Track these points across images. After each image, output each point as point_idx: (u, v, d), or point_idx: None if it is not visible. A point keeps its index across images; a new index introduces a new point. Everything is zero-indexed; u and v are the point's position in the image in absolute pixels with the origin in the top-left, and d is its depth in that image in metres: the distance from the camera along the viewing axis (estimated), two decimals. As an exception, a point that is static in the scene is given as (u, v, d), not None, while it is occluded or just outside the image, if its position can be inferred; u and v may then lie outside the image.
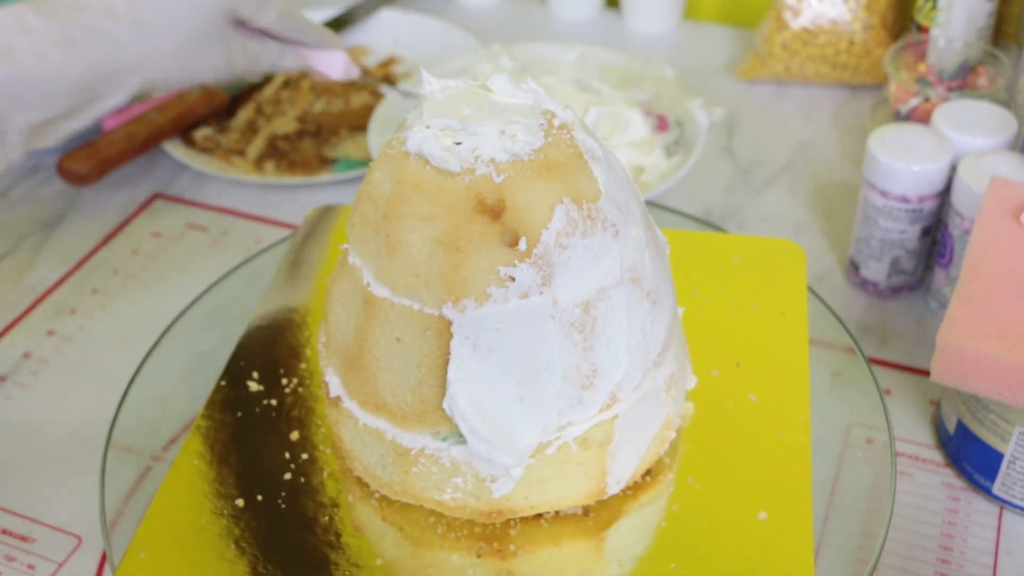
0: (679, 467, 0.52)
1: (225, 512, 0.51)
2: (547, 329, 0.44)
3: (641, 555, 0.49)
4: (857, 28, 0.88)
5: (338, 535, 0.50)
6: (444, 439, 0.47)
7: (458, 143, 0.44)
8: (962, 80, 0.77)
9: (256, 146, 0.87)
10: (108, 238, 0.80)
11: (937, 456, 0.59)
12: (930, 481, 0.58)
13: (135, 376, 0.60)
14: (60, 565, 0.56)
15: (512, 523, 0.50)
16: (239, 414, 0.56)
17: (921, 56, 0.79)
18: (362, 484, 0.52)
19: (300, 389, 0.57)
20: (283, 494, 0.52)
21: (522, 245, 0.43)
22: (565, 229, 0.43)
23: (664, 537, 0.49)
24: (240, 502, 0.51)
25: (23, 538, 0.58)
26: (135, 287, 0.75)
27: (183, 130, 0.88)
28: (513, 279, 0.43)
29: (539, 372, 0.44)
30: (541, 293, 0.43)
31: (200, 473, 0.52)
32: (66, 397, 0.66)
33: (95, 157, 0.81)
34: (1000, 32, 0.88)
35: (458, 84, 0.47)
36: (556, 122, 0.45)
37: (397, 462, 0.49)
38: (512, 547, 0.49)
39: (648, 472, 0.52)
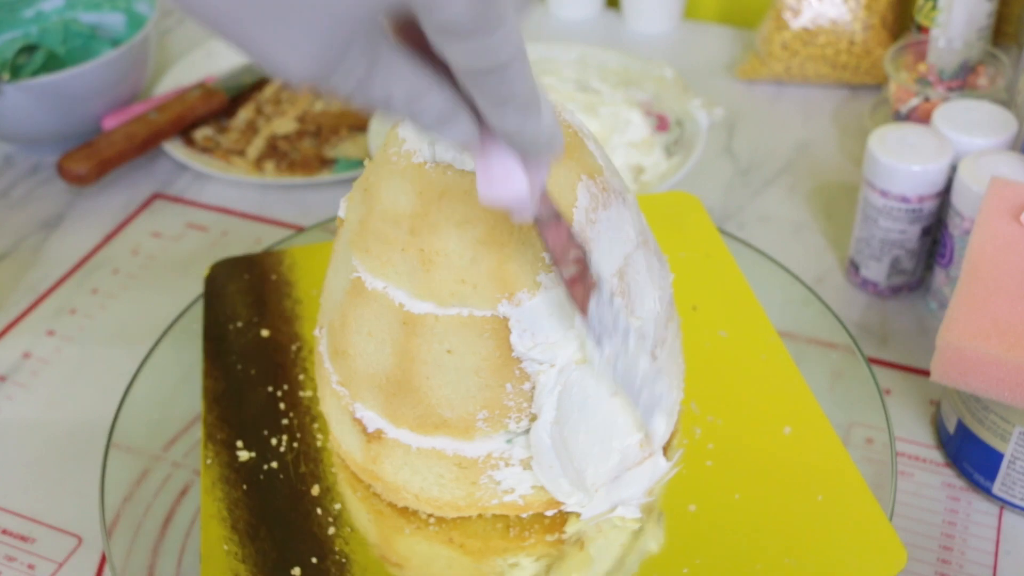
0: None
1: None
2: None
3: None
4: (857, 28, 0.88)
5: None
6: (509, 441, 0.47)
7: None
8: (962, 80, 0.77)
9: (256, 146, 0.87)
10: (108, 238, 0.80)
11: (937, 456, 0.59)
12: (930, 481, 0.58)
13: (135, 376, 0.60)
14: (60, 565, 0.56)
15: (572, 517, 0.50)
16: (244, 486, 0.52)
17: (921, 56, 0.79)
18: (408, 513, 0.50)
19: (295, 445, 0.54)
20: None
21: None
22: (590, 204, 0.44)
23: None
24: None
25: (23, 538, 0.58)
26: (135, 287, 0.75)
27: (183, 130, 0.88)
28: None
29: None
30: None
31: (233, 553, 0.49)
32: (66, 397, 0.66)
33: (95, 157, 0.81)
34: (1000, 32, 0.88)
35: None
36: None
37: (460, 476, 0.48)
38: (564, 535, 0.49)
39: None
